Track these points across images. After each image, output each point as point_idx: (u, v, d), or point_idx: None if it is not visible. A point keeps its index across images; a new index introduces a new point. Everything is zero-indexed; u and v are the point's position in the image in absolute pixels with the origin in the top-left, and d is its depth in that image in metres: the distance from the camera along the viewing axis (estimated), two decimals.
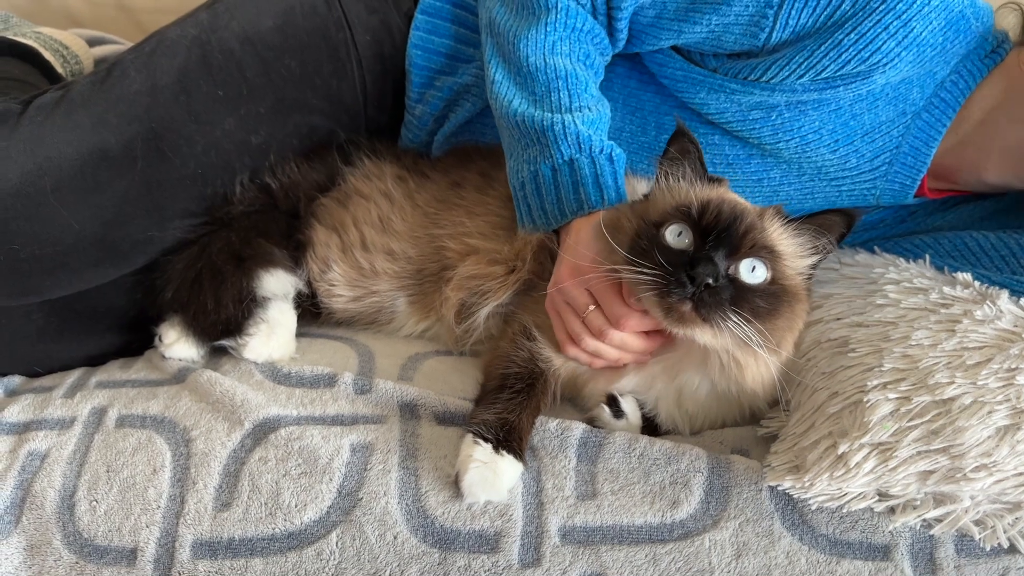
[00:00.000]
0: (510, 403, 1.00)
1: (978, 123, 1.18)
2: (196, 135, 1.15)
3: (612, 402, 1.04)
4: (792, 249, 0.98)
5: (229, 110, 1.17)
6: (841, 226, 0.99)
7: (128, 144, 1.11)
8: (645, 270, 0.91)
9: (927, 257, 1.14)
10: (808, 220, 0.98)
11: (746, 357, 0.95)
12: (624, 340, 1.00)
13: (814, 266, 1.01)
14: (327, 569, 0.94)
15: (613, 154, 1.10)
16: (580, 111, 1.10)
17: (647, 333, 1.00)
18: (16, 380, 1.19)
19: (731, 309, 0.91)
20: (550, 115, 1.09)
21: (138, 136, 1.12)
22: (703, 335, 0.94)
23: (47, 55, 1.50)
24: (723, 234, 0.92)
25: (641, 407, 1.06)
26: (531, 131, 1.10)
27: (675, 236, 0.94)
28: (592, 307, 1.00)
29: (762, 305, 0.93)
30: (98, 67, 1.29)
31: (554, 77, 1.12)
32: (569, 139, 1.08)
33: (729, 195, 1.00)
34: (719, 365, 0.98)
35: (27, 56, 1.48)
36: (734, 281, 0.92)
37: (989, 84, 1.18)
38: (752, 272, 0.93)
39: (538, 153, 1.09)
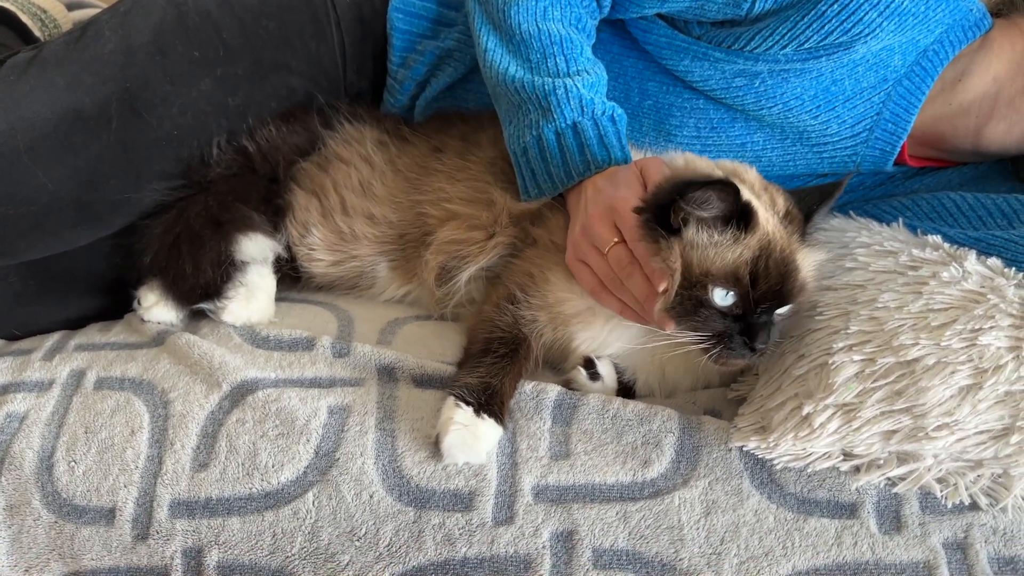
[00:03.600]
0: (493, 367, 1.01)
1: (981, 93, 1.21)
2: (172, 96, 1.14)
3: (589, 364, 1.06)
4: (809, 259, 0.99)
5: (205, 71, 1.17)
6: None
7: (103, 104, 1.11)
8: (696, 333, 0.94)
9: (900, 220, 1.15)
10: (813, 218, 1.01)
11: None
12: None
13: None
14: (303, 528, 0.95)
15: (615, 115, 1.11)
16: (579, 75, 1.11)
17: None
18: None
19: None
20: (551, 80, 1.10)
21: (113, 96, 1.11)
22: None
23: (25, 19, 1.49)
24: (775, 298, 0.94)
25: (620, 374, 1.07)
26: (532, 96, 1.10)
27: (722, 297, 0.93)
28: (616, 240, 0.99)
29: (787, 323, 0.98)
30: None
31: (548, 43, 1.12)
32: (572, 103, 1.08)
33: (765, 228, 0.96)
34: None
35: (4, 19, 1.47)
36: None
37: (990, 55, 1.21)
38: (792, 305, 0.96)
39: (540, 117, 1.10)
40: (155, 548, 0.97)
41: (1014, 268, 1.01)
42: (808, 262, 0.98)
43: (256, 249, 1.18)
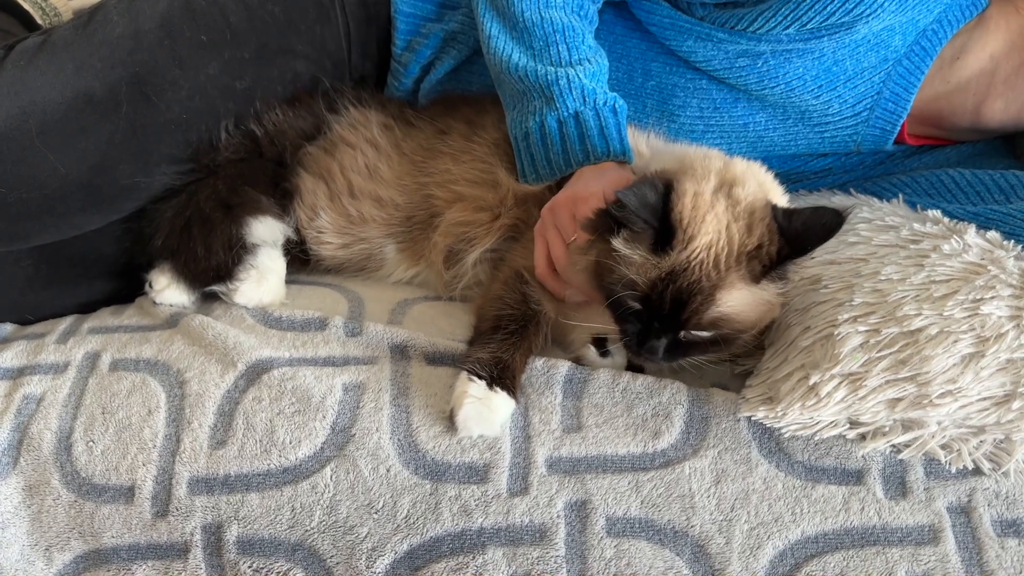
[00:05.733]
0: (504, 343, 1.02)
1: (978, 71, 1.23)
2: (180, 80, 1.15)
3: (599, 342, 1.07)
4: (756, 297, 0.96)
5: (213, 55, 1.18)
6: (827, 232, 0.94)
7: (112, 88, 1.12)
8: (613, 325, 0.99)
9: (900, 196, 1.17)
10: (791, 262, 0.95)
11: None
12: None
13: (786, 283, 0.99)
14: (322, 502, 0.97)
15: (616, 105, 1.13)
16: (581, 64, 1.13)
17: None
18: (8, 328, 1.21)
19: (685, 356, 0.98)
20: (553, 69, 1.12)
21: (122, 80, 1.12)
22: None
23: (26, 6, 1.49)
24: (667, 318, 0.94)
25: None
26: (535, 85, 1.12)
27: (631, 300, 0.95)
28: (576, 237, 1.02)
29: (712, 347, 0.98)
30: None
31: (551, 31, 1.14)
32: (574, 93, 1.10)
33: (684, 257, 0.93)
34: None
35: (5, 6, 1.47)
36: (685, 340, 0.96)
37: (987, 33, 1.22)
38: (700, 332, 0.95)
39: (543, 105, 1.12)
40: (175, 525, 0.98)
41: (1012, 241, 1.03)
42: (742, 300, 0.95)
43: (266, 232, 1.19)
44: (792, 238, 0.94)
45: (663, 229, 0.93)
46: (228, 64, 1.19)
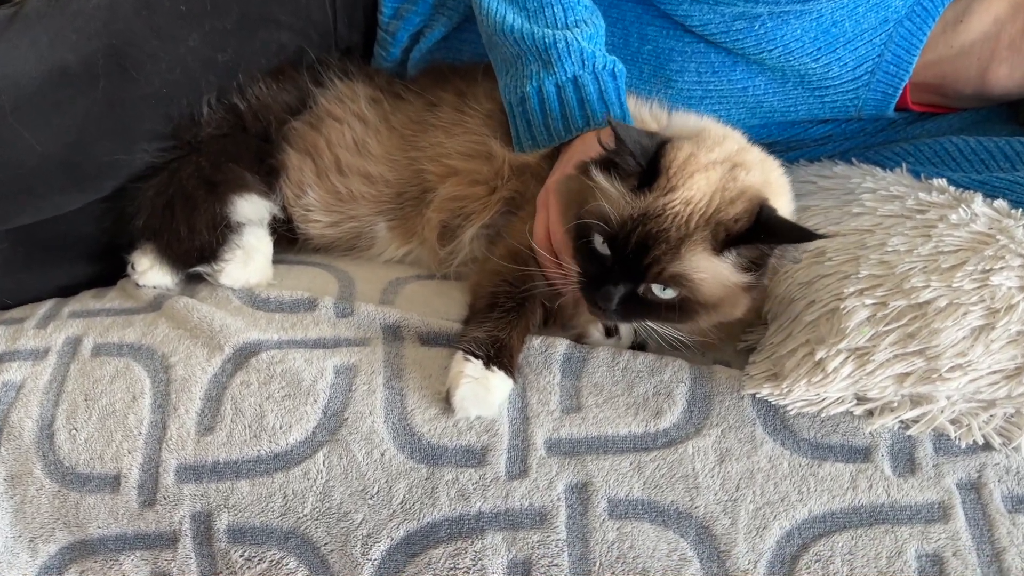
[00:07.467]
0: (500, 321, 0.99)
1: (982, 35, 1.20)
2: (160, 52, 1.11)
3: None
4: (717, 270, 0.92)
5: (193, 26, 1.13)
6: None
7: (88, 61, 1.07)
8: (577, 268, 0.95)
9: (904, 165, 1.15)
10: (753, 244, 0.92)
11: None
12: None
13: (754, 277, 0.95)
14: (315, 488, 0.94)
15: (615, 69, 1.10)
16: (578, 26, 1.10)
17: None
18: None
19: (639, 317, 0.95)
20: (550, 31, 1.08)
21: (99, 53, 1.08)
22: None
23: None
24: (630, 262, 0.91)
25: (636, 333, 1.06)
26: (531, 48, 1.09)
27: (599, 243, 0.92)
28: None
29: (675, 314, 0.93)
30: None
31: None
32: (573, 56, 1.07)
33: (660, 203, 0.91)
34: None
35: None
36: (643, 296, 0.92)
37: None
38: (663, 291, 0.92)
39: (540, 69, 1.08)
40: (163, 514, 0.96)
41: (1020, 210, 1.01)
42: (703, 265, 0.91)
43: (252, 210, 1.16)
44: (760, 223, 0.91)
45: (649, 171, 0.92)
46: (209, 35, 1.15)
